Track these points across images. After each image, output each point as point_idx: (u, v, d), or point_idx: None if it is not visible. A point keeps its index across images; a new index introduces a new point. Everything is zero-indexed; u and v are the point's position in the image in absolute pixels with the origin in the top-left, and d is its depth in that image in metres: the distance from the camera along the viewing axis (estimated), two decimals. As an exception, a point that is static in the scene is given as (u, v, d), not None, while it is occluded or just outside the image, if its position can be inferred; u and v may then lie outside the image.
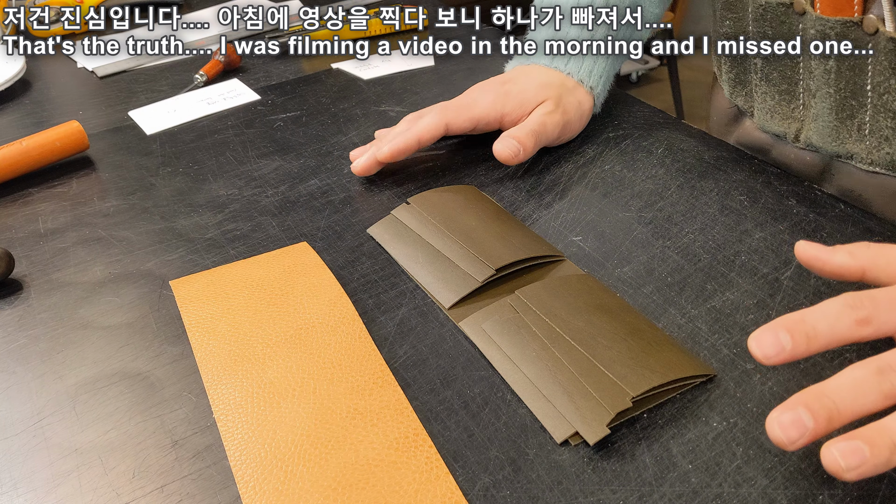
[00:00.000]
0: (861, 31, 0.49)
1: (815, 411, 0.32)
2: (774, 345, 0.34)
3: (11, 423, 0.41)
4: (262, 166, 0.66)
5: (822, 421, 0.32)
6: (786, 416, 0.32)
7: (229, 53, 0.85)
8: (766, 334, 0.35)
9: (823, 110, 0.54)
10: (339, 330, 0.45)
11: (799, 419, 0.32)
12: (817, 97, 0.54)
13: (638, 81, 3.05)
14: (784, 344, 0.34)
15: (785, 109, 0.59)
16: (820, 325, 0.34)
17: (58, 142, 0.66)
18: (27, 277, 0.53)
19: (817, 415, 0.32)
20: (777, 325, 0.35)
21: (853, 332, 0.34)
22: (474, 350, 0.44)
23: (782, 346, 0.34)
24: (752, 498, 0.35)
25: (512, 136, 0.59)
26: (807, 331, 0.34)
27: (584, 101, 0.64)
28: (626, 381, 0.39)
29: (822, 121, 0.54)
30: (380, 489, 0.36)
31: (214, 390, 0.42)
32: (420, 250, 0.52)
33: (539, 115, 0.61)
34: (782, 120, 0.59)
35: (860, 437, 0.32)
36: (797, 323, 0.35)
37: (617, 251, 0.51)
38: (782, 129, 0.59)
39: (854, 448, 0.31)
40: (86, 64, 0.92)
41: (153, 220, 0.59)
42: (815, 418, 0.32)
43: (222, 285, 0.49)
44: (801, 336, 0.34)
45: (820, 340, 0.35)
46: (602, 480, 0.36)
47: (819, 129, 0.55)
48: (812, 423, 0.32)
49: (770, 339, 0.35)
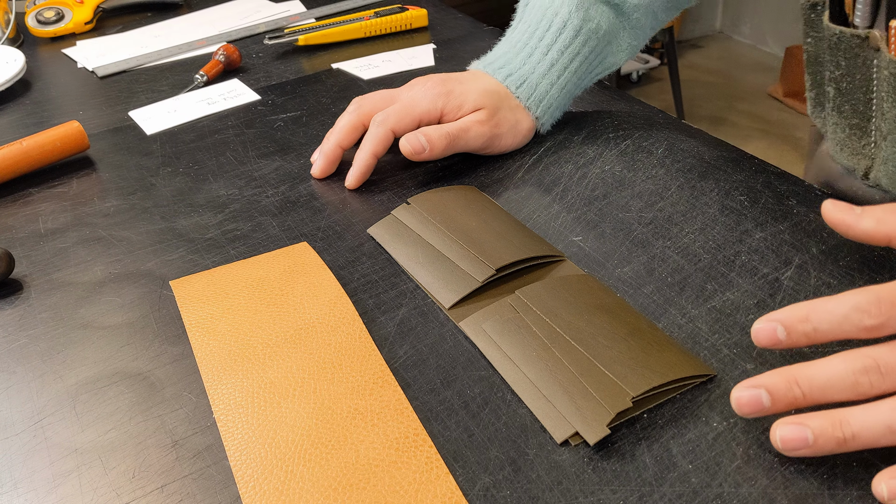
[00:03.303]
0: None
1: (777, 397, 0.35)
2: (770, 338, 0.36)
3: (12, 423, 0.41)
4: (263, 166, 0.66)
5: (781, 406, 0.35)
6: (745, 393, 0.35)
7: (229, 53, 0.85)
8: (766, 325, 0.36)
9: (895, 154, 0.51)
10: (340, 330, 0.45)
11: (758, 399, 0.35)
12: (888, 140, 0.51)
13: (638, 81, 3.05)
14: (780, 338, 0.36)
15: (855, 145, 0.55)
16: (823, 327, 0.35)
17: (58, 142, 0.66)
18: (27, 277, 0.53)
19: (778, 400, 0.35)
20: (777, 320, 0.36)
21: (858, 337, 0.35)
22: (474, 350, 0.44)
23: (778, 340, 0.36)
24: (752, 498, 0.35)
25: (424, 132, 0.58)
26: (807, 331, 0.35)
27: (521, 122, 0.63)
28: (626, 381, 0.39)
29: (893, 164, 0.51)
30: (380, 489, 0.36)
31: (214, 390, 0.42)
32: (420, 250, 0.52)
33: (466, 121, 0.60)
34: (852, 154, 0.56)
35: (809, 424, 0.34)
36: (800, 320, 0.35)
37: (617, 251, 0.51)
38: (852, 163, 0.56)
39: (799, 434, 0.34)
40: (86, 64, 0.92)
41: (153, 220, 0.59)
42: (774, 402, 0.35)
43: (222, 285, 0.49)
44: (799, 335, 0.35)
45: (819, 340, 0.35)
46: (602, 480, 0.36)
47: (889, 172, 0.52)
48: (770, 405, 0.35)
49: (767, 332, 0.36)
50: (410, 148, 0.58)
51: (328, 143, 0.62)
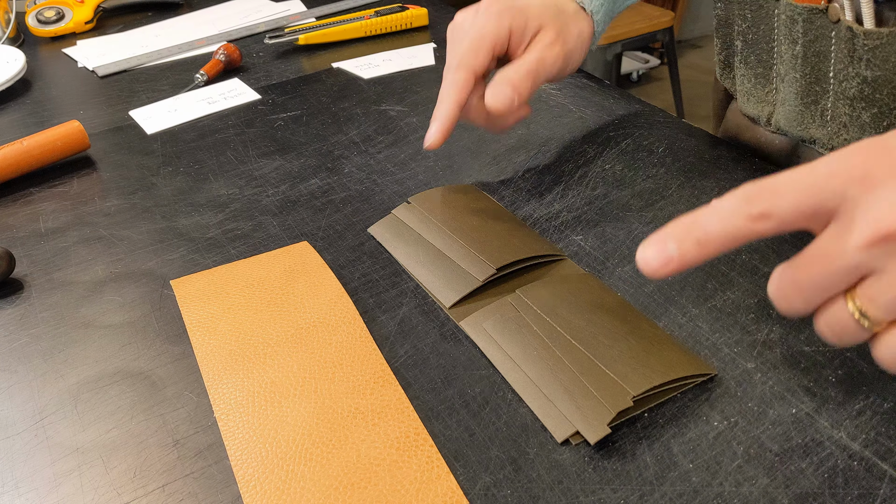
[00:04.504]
0: (826, 18, 0.50)
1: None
2: (660, 255, 0.33)
3: (13, 422, 0.41)
4: (263, 165, 0.66)
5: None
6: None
7: (230, 53, 0.85)
8: (651, 246, 0.33)
9: (790, 95, 0.55)
10: (340, 329, 0.45)
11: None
12: (786, 81, 0.55)
13: (638, 80, 3.05)
14: (671, 253, 0.32)
15: (760, 93, 0.60)
16: (712, 227, 0.32)
17: (59, 141, 0.66)
18: (28, 277, 0.53)
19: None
20: (664, 235, 0.33)
21: (750, 229, 0.32)
22: (475, 349, 0.44)
23: (669, 256, 0.32)
24: (752, 497, 0.35)
25: (506, 79, 0.52)
26: (698, 236, 0.32)
27: (584, 31, 0.57)
28: (626, 381, 0.39)
29: (789, 105, 0.56)
30: (380, 488, 0.36)
31: (215, 389, 0.42)
32: (421, 249, 0.52)
33: (537, 51, 0.54)
34: (757, 103, 0.60)
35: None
36: (687, 228, 0.33)
37: (618, 250, 0.51)
38: (757, 111, 0.60)
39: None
40: (86, 63, 0.92)
41: (154, 219, 0.59)
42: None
43: (223, 285, 0.49)
44: (691, 243, 0.32)
45: (713, 244, 0.32)
46: (603, 479, 0.36)
47: (786, 113, 0.56)
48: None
49: (655, 250, 0.33)
50: (500, 104, 0.51)
51: (445, 104, 0.53)
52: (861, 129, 0.51)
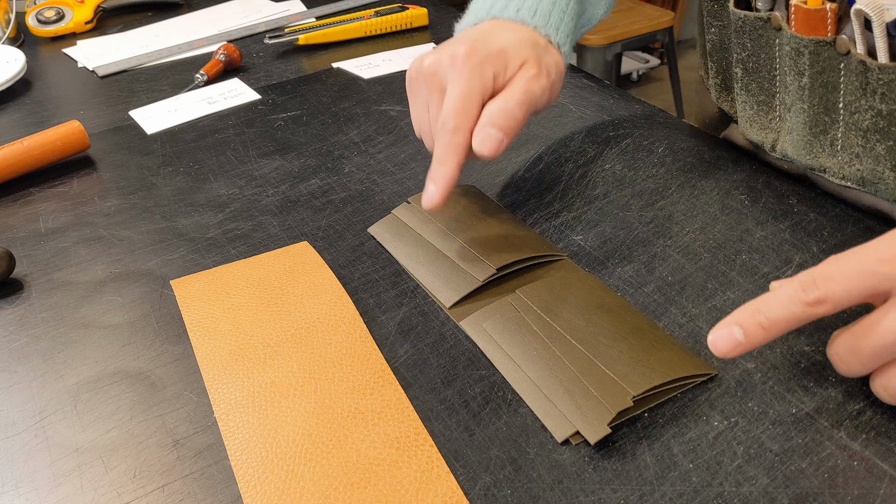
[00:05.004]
0: (834, 50, 0.49)
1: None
2: (728, 341, 0.37)
3: (13, 423, 0.41)
4: (263, 166, 0.66)
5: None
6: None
7: (230, 53, 0.85)
8: (719, 331, 0.38)
9: (798, 124, 0.54)
10: (340, 329, 0.45)
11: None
12: (792, 111, 0.54)
13: (638, 80, 3.05)
14: (738, 338, 0.37)
15: (763, 120, 0.59)
16: (773, 313, 0.37)
17: (59, 141, 0.66)
18: (28, 277, 0.53)
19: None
20: (731, 321, 0.38)
21: (809, 313, 0.36)
22: (475, 349, 0.44)
23: (737, 341, 0.37)
24: (753, 497, 0.35)
25: (493, 124, 0.50)
26: (760, 321, 0.37)
27: (559, 63, 0.56)
28: (627, 381, 0.39)
29: (797, 134, 0.54)
30: (380, 488, 0.36)
31: (215, 389, 0.42)
32: (421, 249, 0.52)
33: (524, 82, 0.52)
34: (760, 129, 0.59)
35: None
36: (751, 315, 0.37)
37: (618, 250, 0.51)
38: (760, 138, 0.59)
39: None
40: (86, 63, 0.92)
41: (154, 219, 0.59)
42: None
43: (223, 285, 0.49)
44: (755, 327, 0.37)
45: (776, 328, 0.37)
46: (603, 479, 0.36)
47: (794, 141, 0.55)
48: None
49: (724, 334, 0.37)
50: (490, 150, 0.49)
51: (448, 166, 0.51)
52: (876, 161, 0.50)
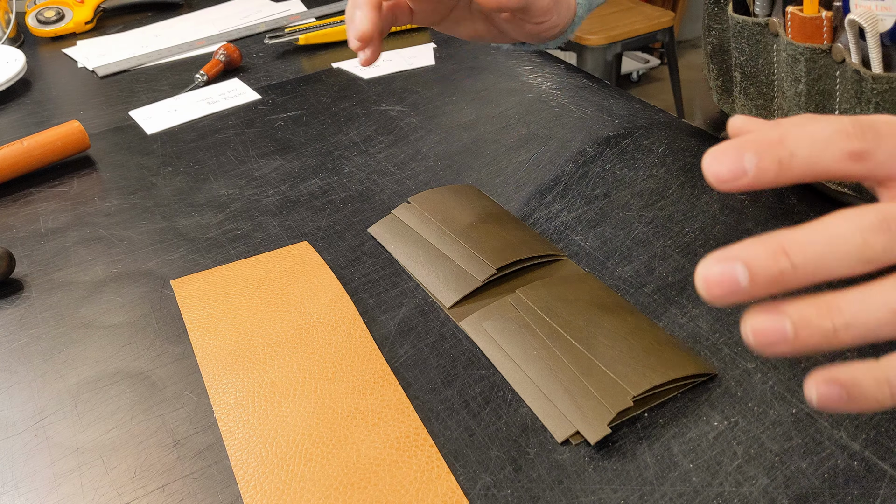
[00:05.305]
0: (829, 58, 0.49)
1: (758, 272, 0.25)
2: (733, 166, 0.26)
3: (13, 423, 0.41)
4: (263, 166, 0.66)
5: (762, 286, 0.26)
6: (715, 269, 0.25)
7: (230, 53, 0.85)
8: (726, 153, 0.27)
9: None
10: (340, 329, 0.45)
11: (732, 277, 0.25)
12: (789, 116, 0.55)
13: (639, 80, 3.05)
14: (747, 166, 0.26)
15: None
16: (801, 151, 0.26)
17: (59, 141, 0.66)
18: (28, 277, 0.53)
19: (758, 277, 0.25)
20: (743, 143, 0.27)
21: (841, 167, 0.27)
22: (475, 349, 0.44)
23: (743, 170, 0.26)
24: (753, 497, 0.35)
25: None
26: (781, 156, 0.26)
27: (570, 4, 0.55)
28: (627, 381, 0.39)
29: None
30: (380, 488, 0.36)
31: (215, 390, 0.42)
32: (421, 249, 0.52)
33: None
34: None
35: (788, 312, 0.26)
36: (771, 144, 0.27)
37: (618, 250, 0.51)
38: None
39: (776, 325, 0.26)
40: (86, 64, 0.92)
41: (154, 219, 0.59)
42: (753, 280, 0.25)
43: (223, 285, 0.49)
44: (771, 161, 0.26)
45: (795, 171, 0.27)
46: (603, 479, 0.36)
47: None
48: (748, 284, 0.25)
49: (730, 158, 0.27)
50: None
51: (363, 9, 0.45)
52: None
